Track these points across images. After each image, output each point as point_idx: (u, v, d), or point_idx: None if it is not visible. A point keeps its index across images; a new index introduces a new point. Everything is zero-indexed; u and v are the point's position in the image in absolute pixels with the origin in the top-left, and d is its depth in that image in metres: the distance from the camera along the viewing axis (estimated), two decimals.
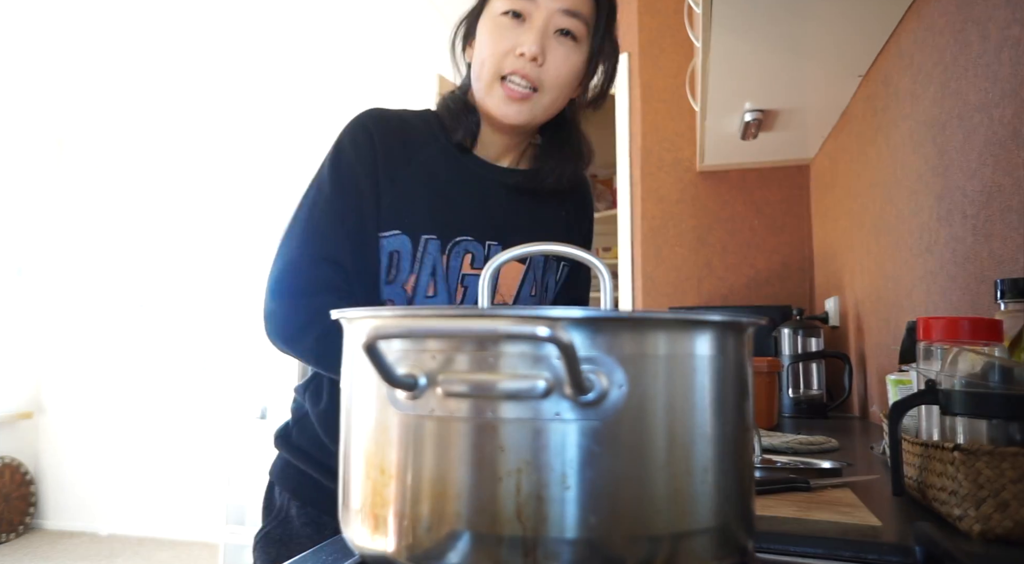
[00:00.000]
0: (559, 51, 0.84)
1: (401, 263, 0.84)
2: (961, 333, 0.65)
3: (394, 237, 0.84)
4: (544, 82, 0.84)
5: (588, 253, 0.47)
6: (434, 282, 0.85)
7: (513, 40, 0.83)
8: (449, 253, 0.86)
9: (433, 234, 0.85)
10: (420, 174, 0.87)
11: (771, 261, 2.53)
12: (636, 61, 2.77)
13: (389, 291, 0.85)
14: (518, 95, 0.84)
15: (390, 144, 0.86)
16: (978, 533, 0.55)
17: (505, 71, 0.84)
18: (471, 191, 0.89)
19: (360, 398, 0.42)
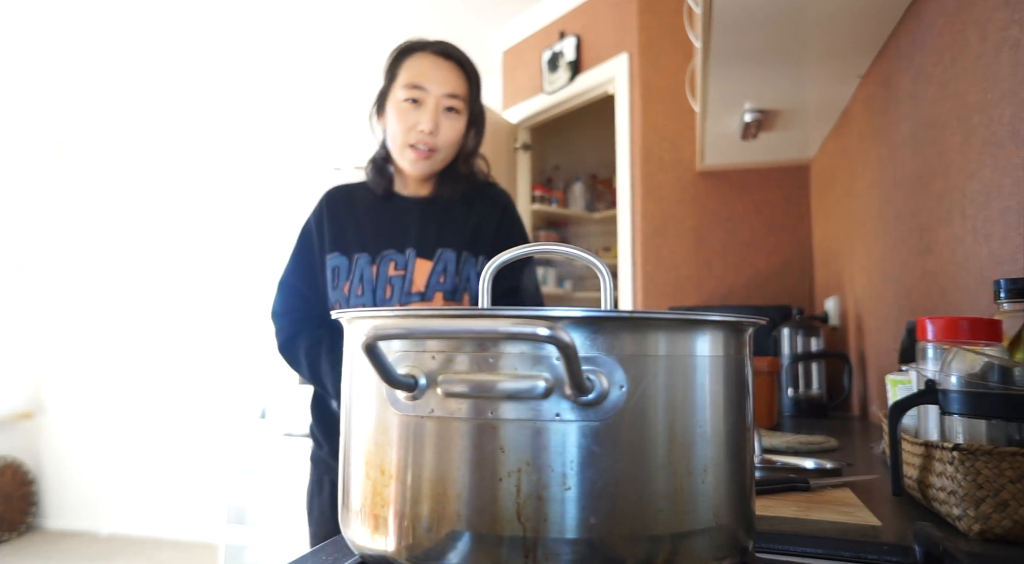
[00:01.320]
0: (447, 123, 1.19)
1: (340, 275, 1.19)
2: (961, 333, 0.65)
3: (335, 257, 1.21)
4: (439, 145, 1.19)
5: (588, 253, 0.47)
6: (362, 285, 1.17)
7: (414, 120, 1.17)
8: (378, 264, 1.18)
9: (363, 252, 1.19)
10: (356, 216, 1.24)
11: (771, 261, 2.53)
12: (636, 61, 2.77)
13: (334, 294, 1.19)
14: (422, 156, 1.19)
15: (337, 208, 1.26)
16: (977, 533, 0.55)
17: (411, 141, 1.18)
18: (392, 218, 1.23)
19: (360, 398, 0.42)
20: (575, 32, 3.12)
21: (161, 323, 4.39)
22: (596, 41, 3.02)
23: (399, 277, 1.17)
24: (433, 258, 1.19)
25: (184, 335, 4.35)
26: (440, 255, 1.19)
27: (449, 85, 1.19)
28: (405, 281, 1.17)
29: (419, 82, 1.18)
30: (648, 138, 2.71)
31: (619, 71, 2.85)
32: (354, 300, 1.16)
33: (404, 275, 1.17)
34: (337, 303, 1.19)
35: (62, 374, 4.48)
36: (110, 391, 4.41)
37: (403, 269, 1.18)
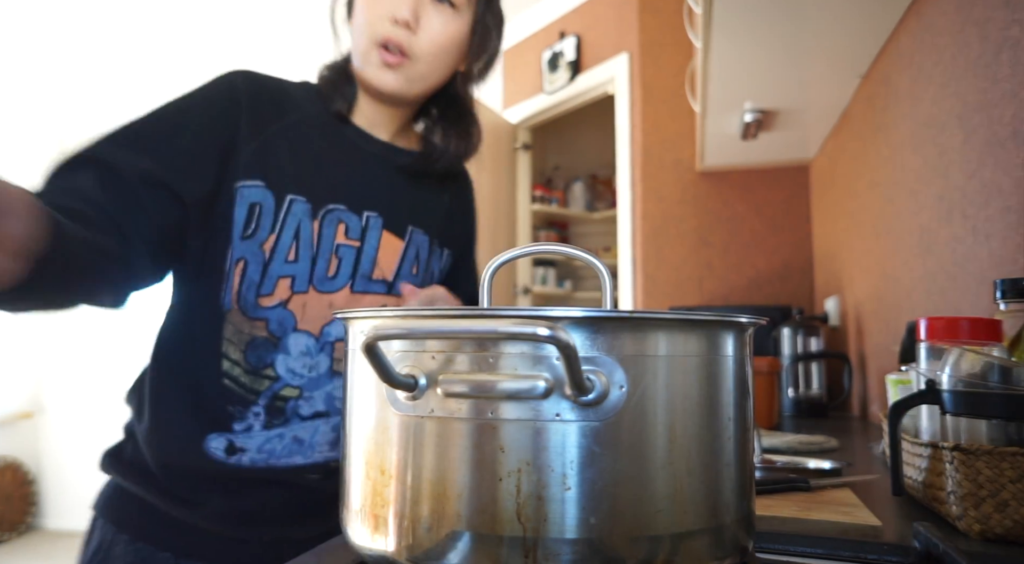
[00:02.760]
0: (435, 18, 0.80)
1: (261, 219, 0.76)
2: (961, 333, 0.65)
3: (255, 188, 0.76)
4: (416, 50, 0.80)
5: (588, 253, 0.47)
6: (296, 246, 0.78)
7: (387, 5, 0.79)
8: (322, 220, 0.79)
9: (300, 195, 0.78)
10: (290, 134, 0.80)
11: (771, 261, 2.53)
12: (636, 61, 2.77)
13: (243, 248, 0.76)
14: (392, 60, 0.80)
15: (260, 100, 0.80)
16: (978, 533, 0.55)
17: (379, 37, 0.79)
18: (346, 160, 0.83)
19: (360, 398, 0.42)
20: (575, 32, 3.12)
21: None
22: (596, 41, 3.02)
23: (351, 249, 0.81)
24: (404, 237, 0.87)
25: None
26: (412, 235, 0.88)
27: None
28: (363, 258, 0.82)
29: None
30: (648, 138, 2.71)
31: (619, 71, 2.85)
32: (277, 265, 0.76)
33: (360, 248, 0.82)
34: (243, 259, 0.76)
35: (62, 374, 4.49)
36: (110, 391, 4.41)
37: (358, 239, 0.82)
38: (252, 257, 0.76)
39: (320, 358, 0.80)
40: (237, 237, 0.76)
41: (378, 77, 0.81)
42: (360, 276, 0.82)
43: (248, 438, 0.77)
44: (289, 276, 0.78)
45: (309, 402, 0.80)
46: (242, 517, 0.78)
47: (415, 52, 0.80)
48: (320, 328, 0.80)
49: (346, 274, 0.81)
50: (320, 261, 0.79)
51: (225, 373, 0.77)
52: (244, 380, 0.77)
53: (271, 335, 0.77)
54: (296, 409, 0.79)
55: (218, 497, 0.77)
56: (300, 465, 0.79)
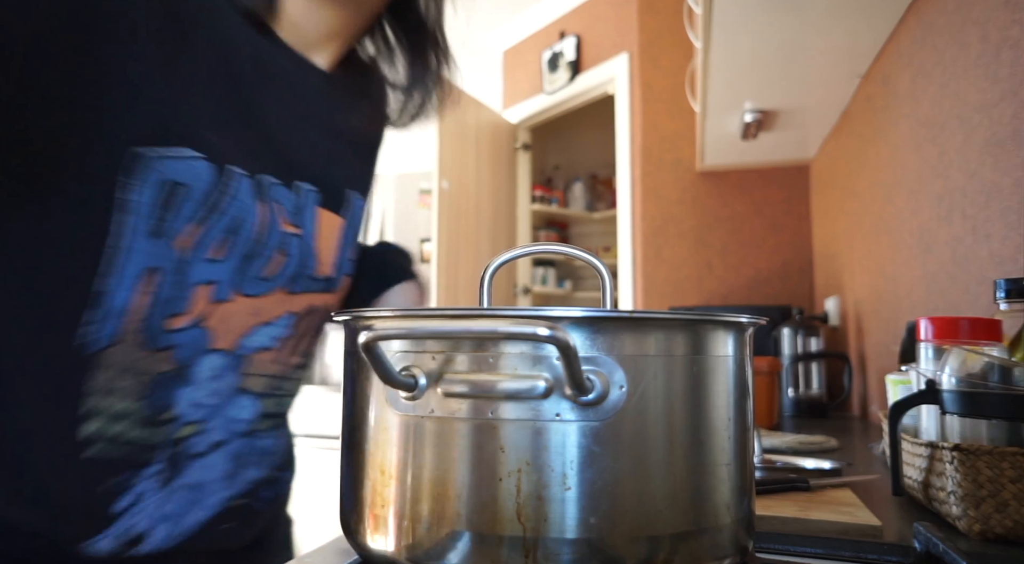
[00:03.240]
0: None
1: (182, 204, 0.49)
2: (961, 333, 0.65)
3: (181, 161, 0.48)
4: None
5: (588, 253, 0.47)
6: (229, 240, 0.52)
7: None
8: (266, 199, 0.55)
9: (237, 164, 0.52)
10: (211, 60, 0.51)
11: (771, 261, 2.53)
12: (636, 61, 2.77)
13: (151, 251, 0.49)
14: None
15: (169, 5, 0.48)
16: (977, 533, 0.55)
17: None
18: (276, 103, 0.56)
19: (360, 398, 0.42)
20: (575, 32, 3.12)
21: None
22: (596, 41, 3.02)
23: (295, 239, 0.59)
24: (342, 208, 0.65)
25: None
26: (351, 202, 0.66)
27: None
28: (303, 250, 0.60)
29: None
30: (648, 138, 2.71)
31: (619, 71, 2.85)
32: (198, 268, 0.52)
33: (302, 237, 0.59)
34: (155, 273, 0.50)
35: None
36: None
37: (299, 224, 0.59)
38: (166, 263, 0.50)
39: (228, 378, 0.58)
40: (142, 235, 0.48)
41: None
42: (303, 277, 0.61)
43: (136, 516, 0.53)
44: (210, 282, 0.53)
45: (206, 435, 0.58)
46: None
47: None
48: (236, 341, 0.57)
49: (286, 275, 0.59)
50: (257, 259, 0.55)
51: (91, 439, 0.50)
52: (135, 435, 0.52)
53: (177, 365, 0.54)
54: (191, 448, 0.57)
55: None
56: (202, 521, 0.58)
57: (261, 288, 0.57)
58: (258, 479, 0.64)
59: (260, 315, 0.59)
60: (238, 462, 0.62)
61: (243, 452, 0.62)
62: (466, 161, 3.08)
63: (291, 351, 0.64)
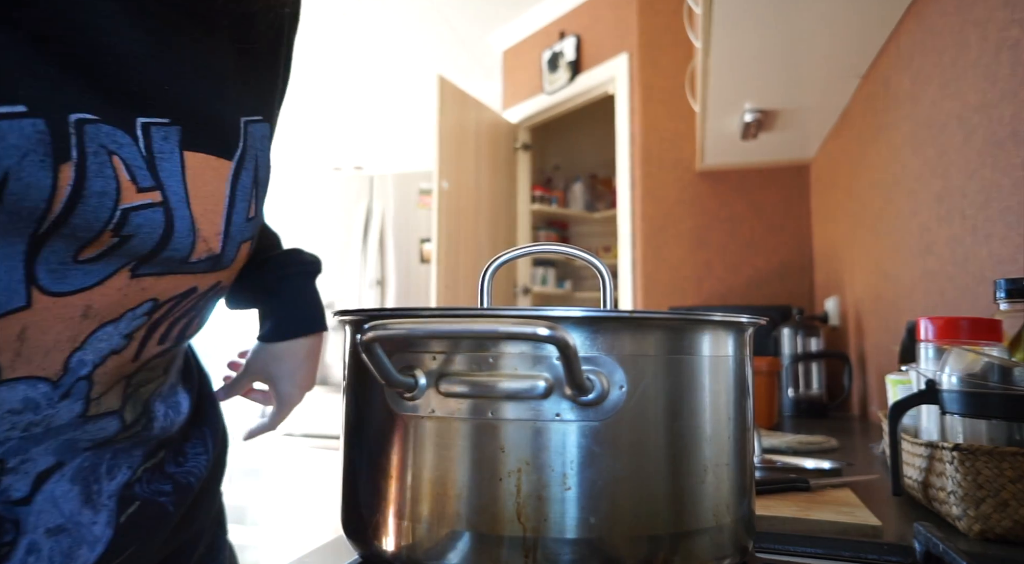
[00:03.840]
0: None
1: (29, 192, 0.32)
2: (961, 333, 0.65)
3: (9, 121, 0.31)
4: None
5: (588, 253, 0.47)
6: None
7: None
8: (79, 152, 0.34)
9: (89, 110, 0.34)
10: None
11: (771, 261, 2.53)
12: (636, 61, 2.77)
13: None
14: None
15: None
16: (977, 532, 0.55)
17: None
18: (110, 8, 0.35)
19: (360, 398, 0.42)
20: (575, 32, 3.12)
21: None
22: (596, 41, 3.02)
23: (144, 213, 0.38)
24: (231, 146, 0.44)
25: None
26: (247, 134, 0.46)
27: None
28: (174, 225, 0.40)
29: None
30: (648, 138, 2.71)
31: (619, 71, 2.85)
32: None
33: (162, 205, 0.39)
34: None
35: None
36: None
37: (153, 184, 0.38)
38: None
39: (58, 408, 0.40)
40: None
41: None
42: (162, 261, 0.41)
43: None
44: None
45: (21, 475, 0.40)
46: None
47: None
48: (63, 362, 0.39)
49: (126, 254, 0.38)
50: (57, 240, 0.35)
51: None
52: None
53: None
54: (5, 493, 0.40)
55: None
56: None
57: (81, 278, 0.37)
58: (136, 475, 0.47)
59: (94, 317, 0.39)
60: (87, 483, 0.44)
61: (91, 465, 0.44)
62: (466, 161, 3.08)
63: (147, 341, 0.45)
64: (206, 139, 0.42)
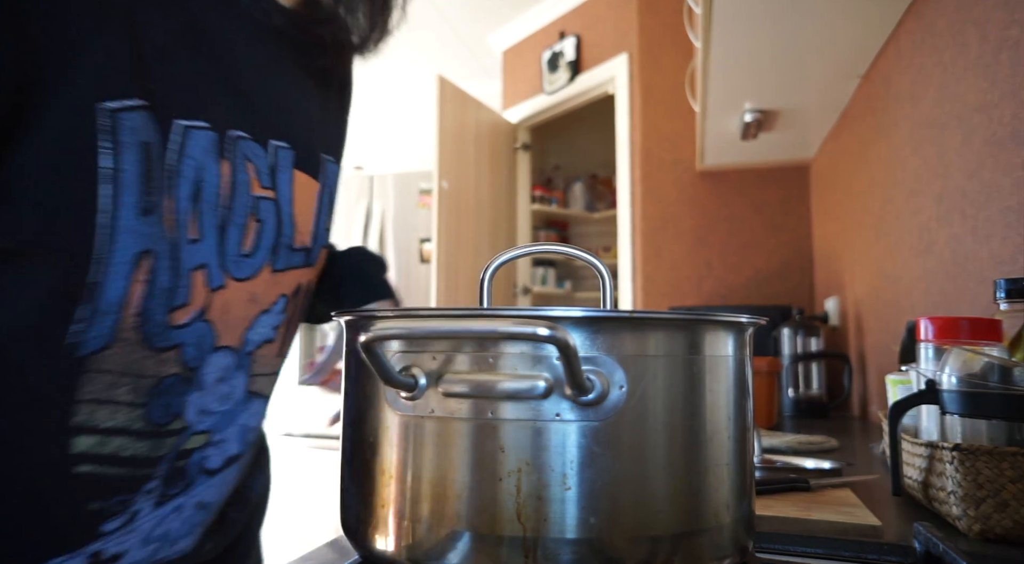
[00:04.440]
0: None
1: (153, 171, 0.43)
2: (961, 333, 0.65)
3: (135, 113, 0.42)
4: None
5: (588, 253, 0.47)
6: (197, 213, 0.47)
7: None
8: (232, 158, 0.49)
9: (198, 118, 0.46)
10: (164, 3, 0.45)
11: (771, 261, 2.53)
12: (636, 61, 2.77)
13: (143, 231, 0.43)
14: None
15: None
16: (978, 533, 0.55)
17: None
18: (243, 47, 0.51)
19: (360, 398, 0.42)
20: (575, 32, 3.12)
21: None
22: (596, 41, 3.02)
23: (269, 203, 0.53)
24: (319, 174, 0.59)
25: None
26: (325, 169, 0.61)
27: None
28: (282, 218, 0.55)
29: None
30: (648, 138, 2.71)
31: (619, 71, 2.85)
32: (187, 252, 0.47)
33: (275, 201, 0.54)
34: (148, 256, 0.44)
35: None
36: None
37: (270, 187, 0.53)
38: (159, 245, 0.44)
39: (237, 379, 0.54)
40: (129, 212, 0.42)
41: None
42: (282, 246, 0.55)
43: (127, 536, 0.49)
44: (202, 266, 0.48)
45: (220, 447, 0.54)
46: None
47: None
48: (241, 335, 0.53)
49: (266, 246, 0.53)
50: (231, 230, 0.49)
51: (84, 457, 0.45)
52: (134, 451, 0.47)
53: (184, 367, 0.49)
54: (203, 462, 0.53)
55: None
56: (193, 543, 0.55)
57: (248, 268, 0.52)
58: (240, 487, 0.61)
59: (257, 302, 0.54)
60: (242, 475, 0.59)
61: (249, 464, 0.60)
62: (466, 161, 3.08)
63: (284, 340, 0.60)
64: (308, 164, 0.58)
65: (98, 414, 0.45)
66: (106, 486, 0.47)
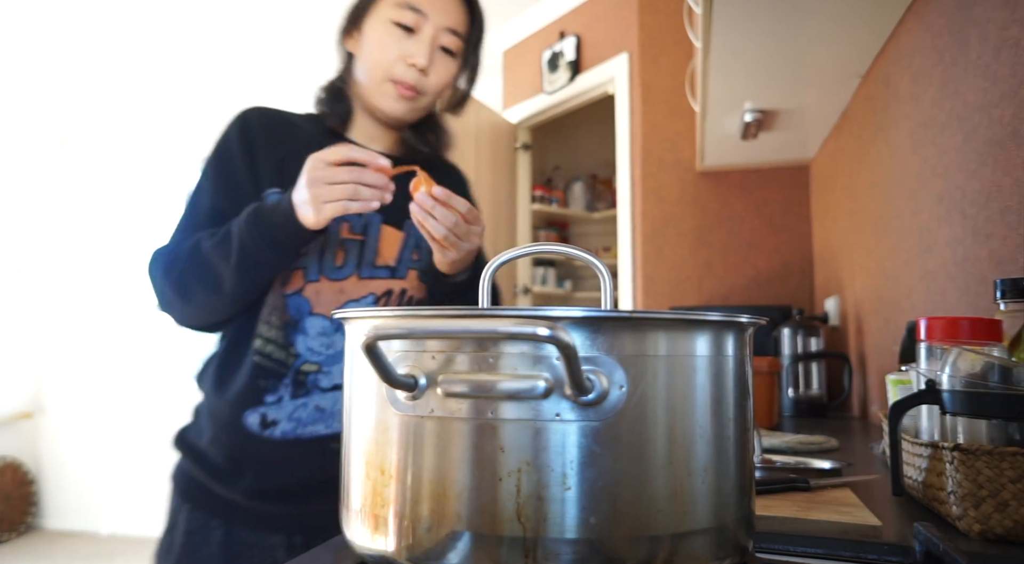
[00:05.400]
0: (440, 63, 0.98)
1: None
2: (961, 333, 0.65)
3: (273, 194, 0.91)
4: (427, 88, 0.98)
5: (587, 253, 0.47)
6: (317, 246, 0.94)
7: (404, 50, 0.95)
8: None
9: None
10: (298, 150, 0.89)
11: (771, 261, 2.53)
12: (636, 61, 2.77)
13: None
14: (407, 96, 0.96)
15: (272, 128, 0.97)
16: (978, 533, 0.55)
17: (396, 76, 0.95)
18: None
19: (360, 398, 0.42)
20: (575, 32, 3.12)
21: (160, 322, 4.39)
22: (596, 41, 3.02)
23: (355, 242, 0.94)
24: (403, 228, 0.98)
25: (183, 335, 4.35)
26: (410, 227, 0.97)
27: (451, 17, 0.97)
28: (367, 249, 0.95)
29: (418, 4, 0.94)
30: (648, 138, 2.71)
31: (619, 71, 2.85)
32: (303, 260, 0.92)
33: (364, 242, 0.95)
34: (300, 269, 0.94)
35: (62, 374, 4.49)
36: (110, 391, 4.41)
37: (361, 233, 0.95)
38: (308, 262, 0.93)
39: (337, 337, 0.92)
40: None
41: (391, 106, 0.98)
42: (365, 264, 0.95)
43: (279, 409, 0.89)
44: (300, 267, 0.92)
45: (328, 376, 0.91)
46: (272, 494, 0.89)
47: (425, 89, 0.98)
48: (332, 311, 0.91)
49: (352, 263, 0.94)
50: (328, 253, 0.93)
51: (257, 351, 0.90)
52: (277, 355, 0.90)
53: (292, 318, 0.91)
54: (316, 382, 0.91)
55: (252, 475, 0.89)
56: (323, 435, 0.90)
57: (339, 274, 0.93)
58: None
59: (345, 293, 0.93)
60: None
61: None
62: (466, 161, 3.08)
63: None
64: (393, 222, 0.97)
65: (263, 328, 0.91)
66: (266, 373, 0.90)
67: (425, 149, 1.05)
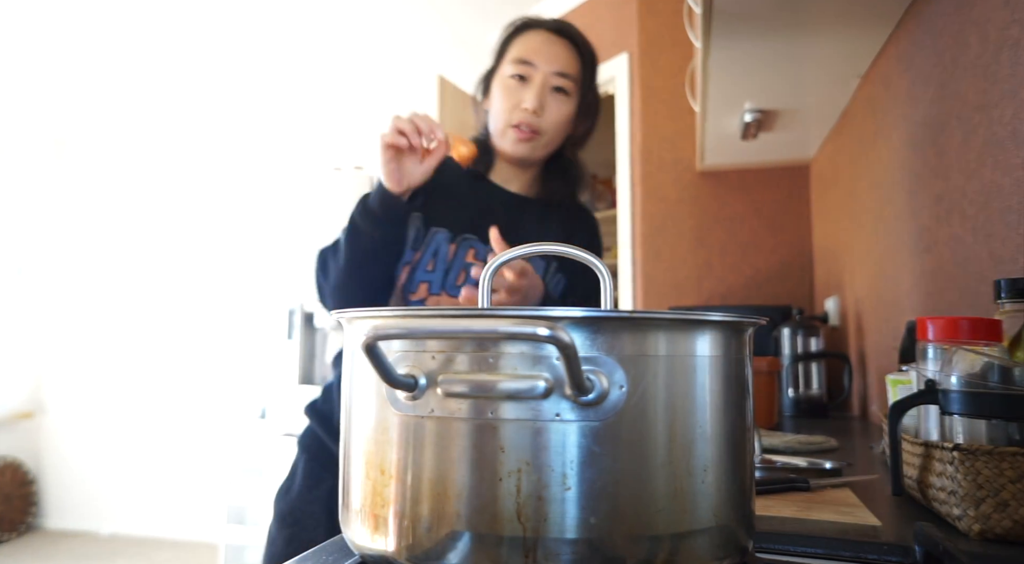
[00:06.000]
0: (553, 104, 1.11)
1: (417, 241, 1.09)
2: (961, 333, 0.65)
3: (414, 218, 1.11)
4: (543, 127, 1.11)
5: (587, 253, 0.47)
6: (434, 260, 1.08)
7: (518, 97, 1.10)
8: (457, 244, 1.09)
9: (442, 227, 1.09)
10: (444, 187, 1.11)
11: (771, 261, 2.53)
12: (636, 61, 2.77)
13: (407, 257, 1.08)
14: (524, 137, 1.11)
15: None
16: (977, 533, 0.55)
17: (514, 121, 1.10)
18: (482, 205, 1.12)
19: (360, 398, 0.42)
20: None
21: (161, 323, 4.39)
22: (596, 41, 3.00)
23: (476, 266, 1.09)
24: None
25: (184, 335, 4.35)
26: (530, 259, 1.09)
27: (559, 62, 1.11)
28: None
29: (528, 58, 1.10)
30: (648, 138, 2.71)
31: (619, 71, 2.85)
32: (420, 273, 1.07)
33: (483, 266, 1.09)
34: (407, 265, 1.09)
35: (62, 374, 4.49)
36: (110, 391, 4.41)
37: (484, 260, 1.08)
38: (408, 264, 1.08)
39: None
40: (408, 249, 1.08)
41: (514, 148, 1.12)
42: None
43: None
44: (426, 281, 1.07)
45: None
46: None
47: (542, 129, 1.11)
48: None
49: (470, 284, 1.05)
50: (452, 272, 1.07)
51: None
52: None
53: None
54: None
55: None
56: None
57: (458, 291, 1.06)
58: None
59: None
60: None
61: None
62: None
63: None
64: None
65: None
66: None
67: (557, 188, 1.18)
